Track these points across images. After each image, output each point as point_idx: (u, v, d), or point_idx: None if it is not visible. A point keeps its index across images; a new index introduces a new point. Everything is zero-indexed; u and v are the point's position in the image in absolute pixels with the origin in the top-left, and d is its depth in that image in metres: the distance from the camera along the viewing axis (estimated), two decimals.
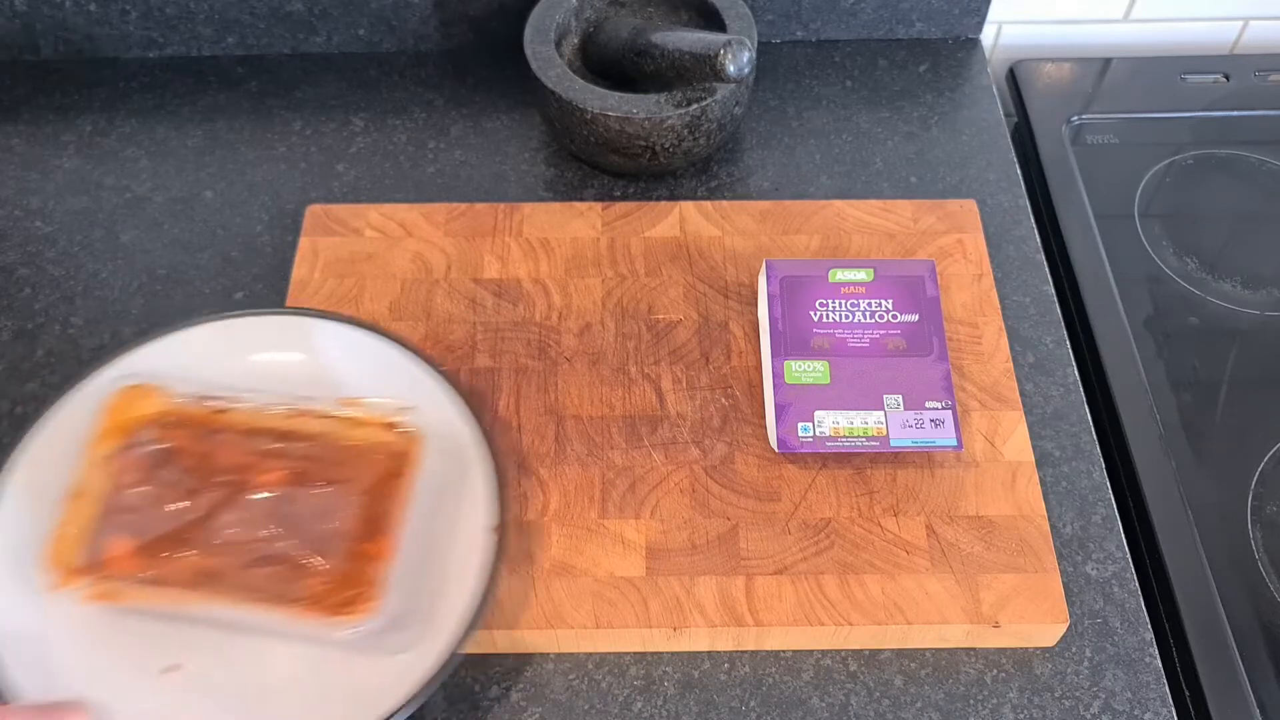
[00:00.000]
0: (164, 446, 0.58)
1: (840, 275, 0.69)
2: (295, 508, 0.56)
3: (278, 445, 0.58)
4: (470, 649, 0.60)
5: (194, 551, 0.55)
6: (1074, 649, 0.61)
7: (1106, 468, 0.68)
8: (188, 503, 0.56)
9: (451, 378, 0.62)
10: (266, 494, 0.57)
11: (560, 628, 0.59)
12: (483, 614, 0.55)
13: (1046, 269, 0.77)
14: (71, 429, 0.59)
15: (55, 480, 0.57)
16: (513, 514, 0.60)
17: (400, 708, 0.52)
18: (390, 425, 0.59)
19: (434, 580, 0.57)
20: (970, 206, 0.76)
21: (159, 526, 0.56)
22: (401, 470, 0.58)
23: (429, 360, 0.63)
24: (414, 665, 0.54)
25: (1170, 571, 0.64)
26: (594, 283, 0.73)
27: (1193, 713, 0.61)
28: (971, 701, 0.60)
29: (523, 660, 0.61)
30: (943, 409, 0.64)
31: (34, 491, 0.58)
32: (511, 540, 0.59)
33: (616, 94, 0.75)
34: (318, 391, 0.61)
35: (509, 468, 0.63)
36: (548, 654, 0.61)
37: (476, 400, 0.63)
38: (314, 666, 0.56)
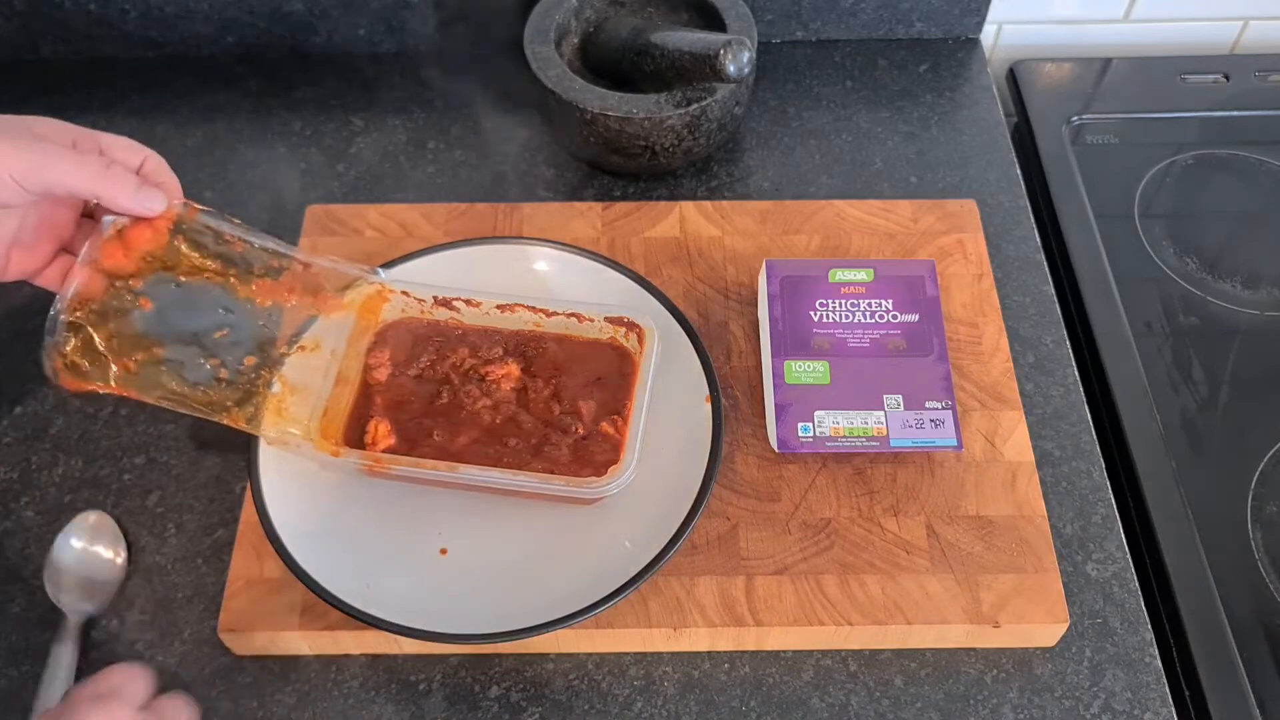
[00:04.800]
0: (410, 342, 0.66)
1: (840, 275, 0.69)
2: (532, 396, 0.64)
3: (514, 343, 0.66)
4: (475, 649, 0.60)
5: (446, 432, 0.63)
6: (1074, 649, 0.61)
7: (1106, 468, 0.68)
8: (435, 389, 0.64)
9: (654, 287, 0.69)
10: (509, 385, 0.64)
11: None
12: (715, 469, 0.62)
13: (1046, 269, 0.77)
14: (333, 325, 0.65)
15: (320, 366, 0.64)
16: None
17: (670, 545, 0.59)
18: (619, 323, 0.66)
19: (667, 446, 0.64)
20: (970, 206, 0.76)
21: (412, 410, 0.64)
22: (631, 360, 0.66)
23: (637, 276, 0.70)
24: (657, 524, 0.61)
25: (1170, 571, 0.64)
26: None
27: (1193, 713, 0.61)
28: (971, 701, 0.59)
29: (523, 660, 0.61)
30: (943, 409, 0.64)
31: (306, 374, 0.63)
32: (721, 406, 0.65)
33: (616, 94, 0.75)
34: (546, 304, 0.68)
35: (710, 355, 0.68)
36: (548, 654, 0.61)
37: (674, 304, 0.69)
38: (555, 543, 0.62)
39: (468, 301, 0.66)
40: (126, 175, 0.55)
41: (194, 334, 0.59)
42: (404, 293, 0.66)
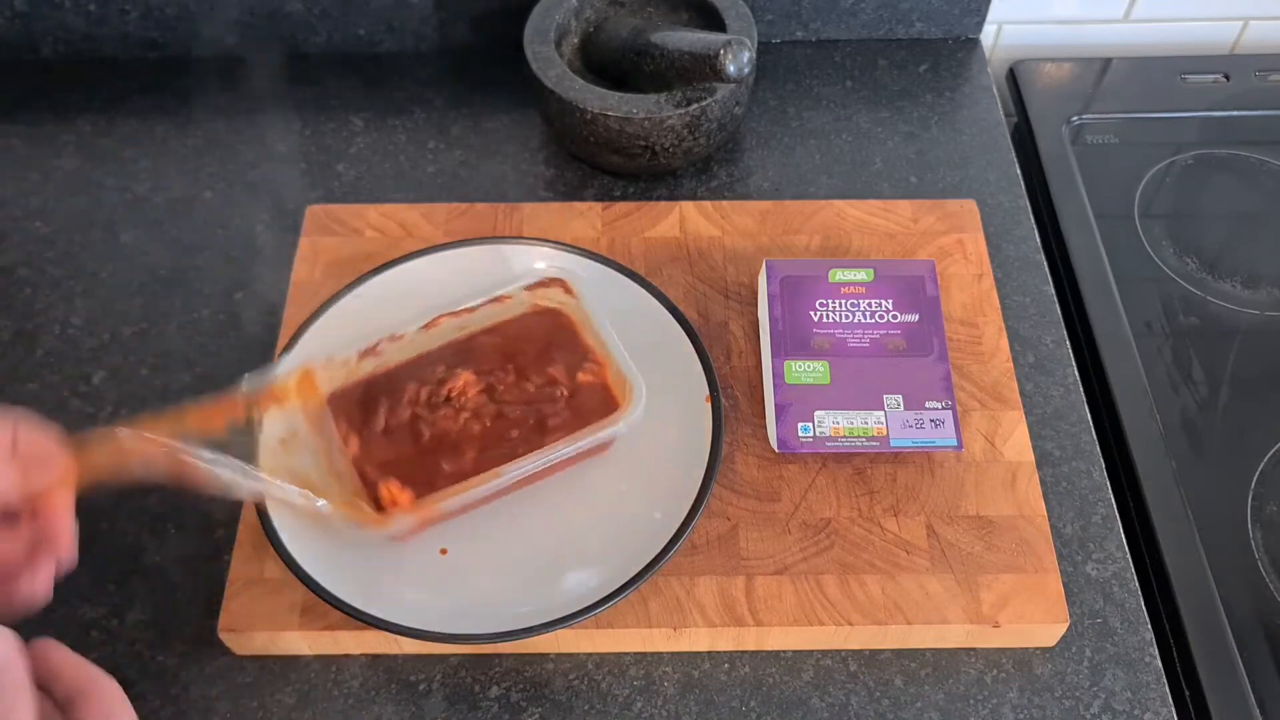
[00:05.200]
0: (360, 404, 0.64)
1: (840, 275, 0.69)
2: (500, 389, 0.64)
3: (452, 354, 0.65)
4: (475, 648, 0.60)
5: (450, 460, 0.61)
6: (1074, 649, 0.61)
7: (1106, 468, 0.68)
8: (412, 431, 0.62)
9: (654, 287, 0.69)
10: (474, 391, 0.63)
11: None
12: (715, 469, 0.62)
13: (1046, 269, 0.77)
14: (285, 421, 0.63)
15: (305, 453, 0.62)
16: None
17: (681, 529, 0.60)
18: (537, 287, 0.66)
19: (667, 446, 0.64)
20: (970, 206, 0.76)
21: (405, 459, 0.62)
22: (563, 315, 0.66)
23: (637, 276, 0.70)
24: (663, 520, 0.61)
25: (1170, 571, 0.64)
26: None
27: (1193, 713, 0.61)
28: (971, 701, 0.59)
29: (523, 660, 0.61)
30: (943, 409, 0.64)
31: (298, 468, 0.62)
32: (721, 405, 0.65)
33: (616, 94, 0.75)
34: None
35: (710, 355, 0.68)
36: (548, 654, 0.61)
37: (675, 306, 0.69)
38: (555, 542, 0.62)
39: (390, 338, 0.64)
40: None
41: None
42: (325, 361, 0.63)
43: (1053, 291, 0.75)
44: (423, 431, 0.62)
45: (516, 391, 0.64)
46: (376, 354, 0.64)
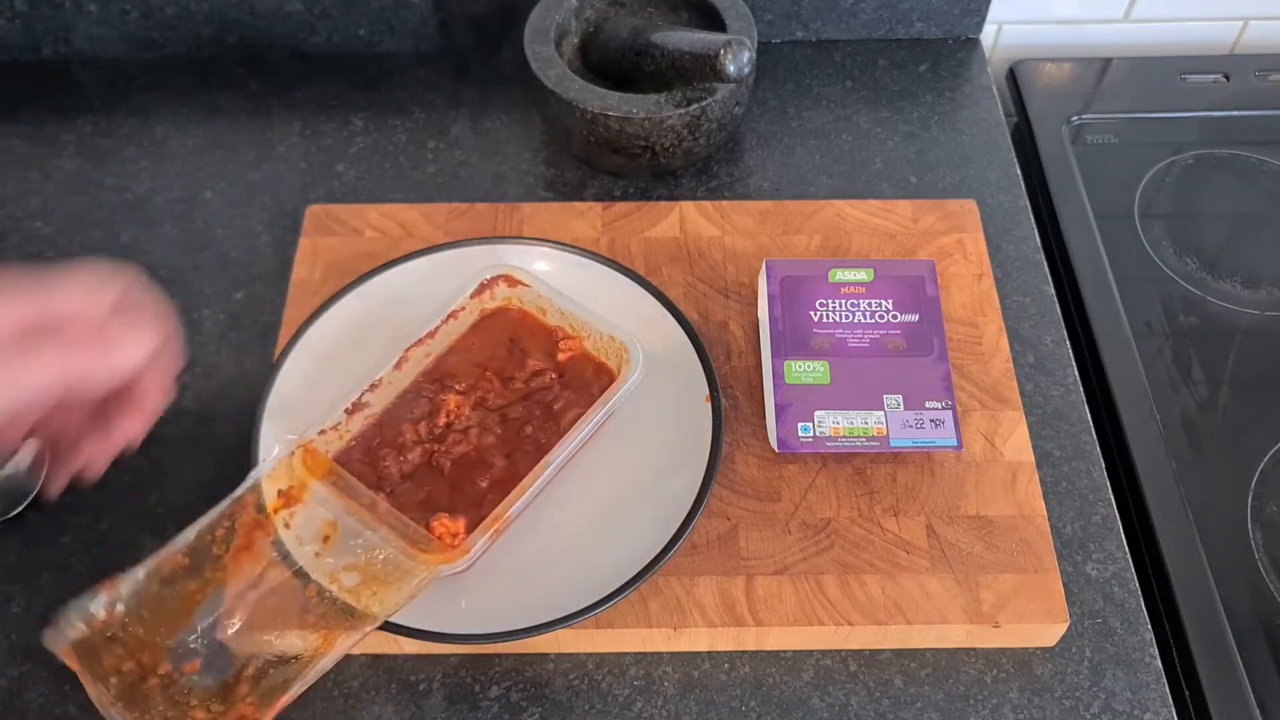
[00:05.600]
0: (367, 465, 0.62)
1: (840, 275, 0.69)
2: (491, 398, 0.64)
3: (429, 386, 0.64)
4: (475, 648, 0.60)
5: (485, 476, 0.61)
6: (1074, 649, 0.61)
7: (1106, 468, 0.68)
8: (431, 469, 0.62)
9: (654, 287, 0.69)
10: (468, 408, 0.63)
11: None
12: (715, 469, 0.62)
13: (1046, 269, 0.77)
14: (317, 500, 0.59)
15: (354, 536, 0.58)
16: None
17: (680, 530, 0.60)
18: (480, 293, 0.67)
19: (667, 446, 0.64)
20: (970, 206, 0.76)
21: (440, 493, 0.61)
22: (511, 310, 0.67)
23: (637, 276, 0.70)
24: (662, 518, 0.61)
25: (1170, 571, 0.64)
26: None
27: (1193, 713, 0.61)
28: (971, 701, 0.59)
29: (523, 660, 0.61)
30: (943, 409, 0.64)
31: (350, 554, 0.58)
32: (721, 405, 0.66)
33: (616, 94, 0.75)
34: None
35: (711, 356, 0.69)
36: (548, 654, 0.61)
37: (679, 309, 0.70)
38: (555, 542, 0.62)
39: (371, 388, 0.63)
40: (92, 355, 0.45)
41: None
42: (320, 433, 0.61)
43: (1053, 291, 0.75)
44: (442, 464, 0.62)
45: (507, 394, 0.64)
46: (363, 406, 0.63)
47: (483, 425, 0.63)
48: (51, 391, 0.44)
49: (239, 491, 0.56)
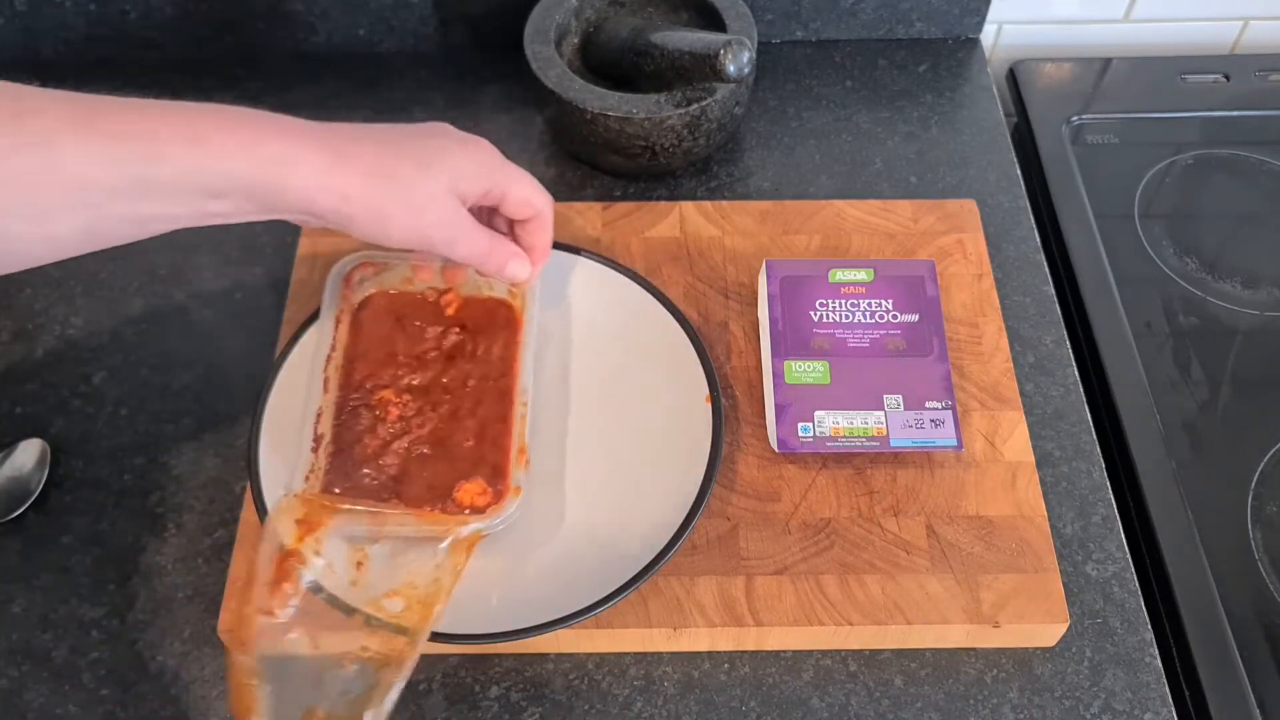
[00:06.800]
0: (354, 488, 0.61)
1: (840, 275, 0.69)
2: (403, 375, 0.64)
3: (348, 395, 0.64)
4: (474, 648, 0.60)
5: (463, 436, 0.62)
6: (1074, 649, 0.61)
7: (1106, 468, 0.68)
8: (414, 455, 0.62)
9: (654, 287, 0.70)
10: (401, 399, 0.64)
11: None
12: (715, 469, 0.63)
13: (1046, 269, 0.77)
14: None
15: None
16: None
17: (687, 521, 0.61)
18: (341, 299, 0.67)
19: (667, 446, 0.65)
20: (970, 206, 0.76)
21: (438, 473, 0.61)
22: (368, 297, 0.68)
23: (637, 276, 0.70)
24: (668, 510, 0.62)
25: (1170, 571, 0.64)
26: None
27: (1193, 713, 0.61)
28: (971, 701, 0.59)
29: (523, 660, 0.61)
30: (943, 409, 0.64)
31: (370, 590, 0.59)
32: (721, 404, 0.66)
33: (616, 94, 0.75)
34: None
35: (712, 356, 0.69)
36: (548, 654, 0.61)
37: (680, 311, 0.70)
38: (554, 542, 0.62)
39: (318, 417, 0.62)
40: (501, 255, 0.59)
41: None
42: (305, 479, 0.60)
43: (1053, 291, 0.75)
44: (420, 450, 0.62)
45: (430, 366, 0.65)
46: (320, 439, 0.62)
47: (430, 402, 0.63)
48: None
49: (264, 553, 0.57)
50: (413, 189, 0.54)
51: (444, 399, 0.64)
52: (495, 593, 0.60)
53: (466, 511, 0.59)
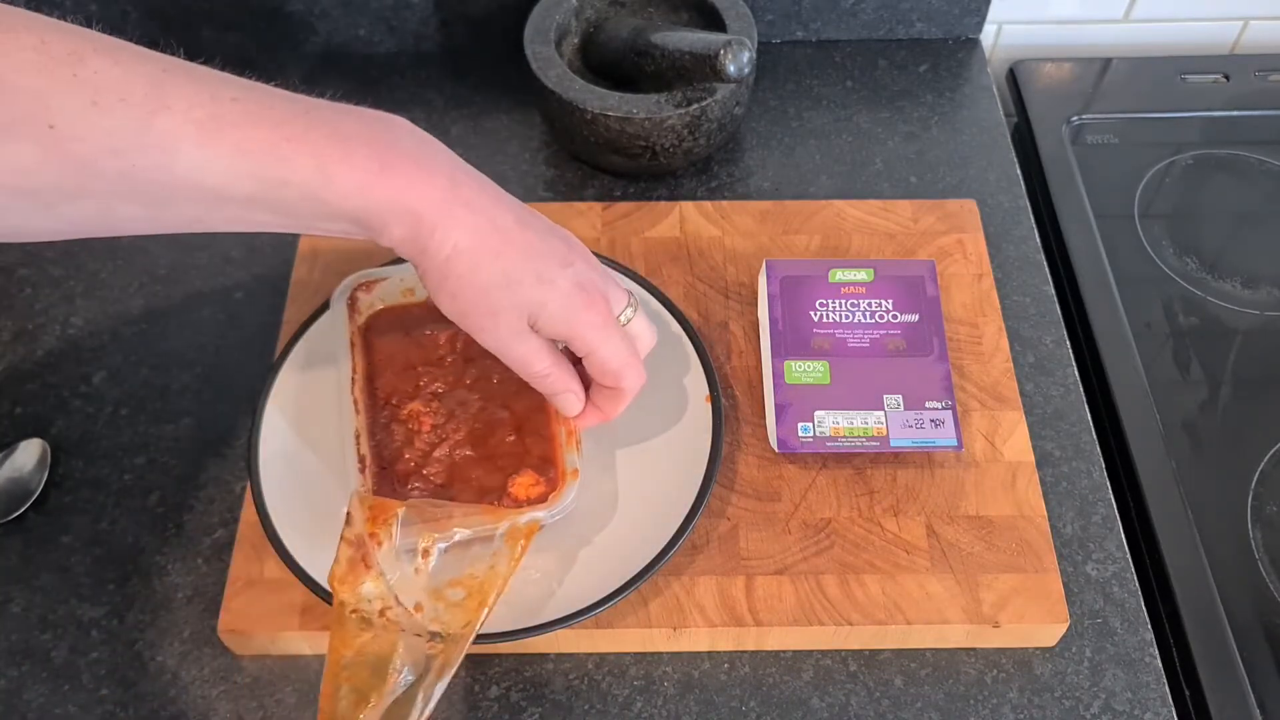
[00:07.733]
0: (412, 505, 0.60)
1: (840, 275, 0.69)
2: (427, 383, 0.64)
3: (377, 412, 0.64)
4: (474, 648, 0.60)
5: (504, 432, 0.62)
6: (1074, 649, 0.61)
7: (1106, 468, 0.68)
8: (459, 460, 0.62)
9: (654, 287, 0.70)
10: (431, 405, 0.63)
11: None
12: (715, 469, 0.63)
13: (1046, 269, 0.77)
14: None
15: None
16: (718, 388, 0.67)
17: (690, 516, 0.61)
18: (351, 314, 0.66)
19: (667, 446, 0.65)
20: (970, 206, 0.76)
21: (487, 474, 0.61)
22: (377, 312, 0.67)
23: (637, 276, 0.71)
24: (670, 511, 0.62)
25: (1170, 571, 0.64)
26: None
27: (1193, 713, 0.61)
28: (971, 701, 0.60)
29: (523, 660, 0.61)
30: (943, 409, 0.64)
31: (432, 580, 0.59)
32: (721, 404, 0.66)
33: (616, 94, 0.75)
34: None
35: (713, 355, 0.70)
36: (548, 654, 0.61)
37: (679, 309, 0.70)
38: (554, 543, 0.61)
39: (356, 439, 0.62)
40: (557, 382, 0.56)
41: None
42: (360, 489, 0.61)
43: (1053, 291, 0.75)
44: (463, 453, 0.62)
45: (451, 371, 0.64)
46: (364, 460, 0.61)
47: (460, 404, 0.63)
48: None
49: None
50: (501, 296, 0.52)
51: (473, 399, 0.63)
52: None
53: (524, 505, 0.60)
